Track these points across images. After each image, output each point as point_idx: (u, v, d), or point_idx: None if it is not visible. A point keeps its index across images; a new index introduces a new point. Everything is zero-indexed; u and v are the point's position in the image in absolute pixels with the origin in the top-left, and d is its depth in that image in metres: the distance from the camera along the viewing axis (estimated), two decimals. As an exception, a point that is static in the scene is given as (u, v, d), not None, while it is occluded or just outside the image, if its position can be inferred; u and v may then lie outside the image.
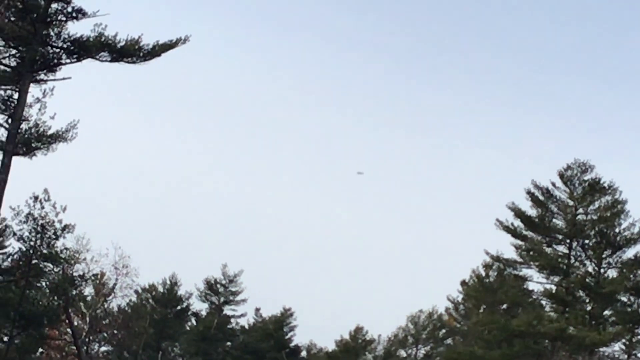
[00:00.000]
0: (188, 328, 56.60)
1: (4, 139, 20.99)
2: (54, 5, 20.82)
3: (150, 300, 54.61)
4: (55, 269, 27.95)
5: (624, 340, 30.96)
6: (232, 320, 57.86)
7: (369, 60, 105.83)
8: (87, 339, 41.08)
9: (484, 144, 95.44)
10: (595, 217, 30.95)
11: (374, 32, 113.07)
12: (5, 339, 29.23)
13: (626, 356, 31.68)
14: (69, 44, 21.33)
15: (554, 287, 31.45)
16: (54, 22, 21.30)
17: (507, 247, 32.14)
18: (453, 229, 79.01)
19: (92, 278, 32.61)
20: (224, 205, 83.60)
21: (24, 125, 21.37)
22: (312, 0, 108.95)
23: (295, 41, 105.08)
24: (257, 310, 57.30)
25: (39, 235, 26.83)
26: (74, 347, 35.95)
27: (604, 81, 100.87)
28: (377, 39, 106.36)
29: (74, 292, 30.15)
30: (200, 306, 57.39)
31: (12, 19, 21.46)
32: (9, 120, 21.16)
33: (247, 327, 57.58)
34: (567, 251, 31.22)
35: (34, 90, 21.55)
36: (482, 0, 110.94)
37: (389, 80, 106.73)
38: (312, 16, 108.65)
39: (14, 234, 27.32)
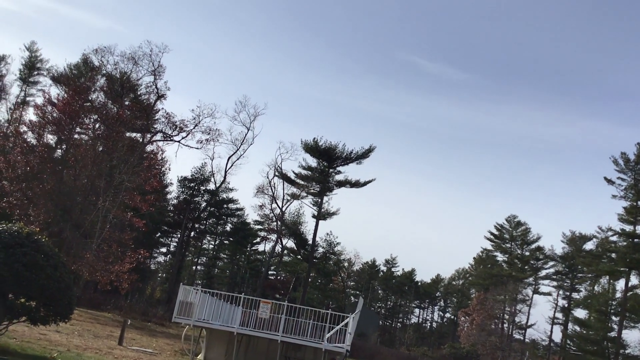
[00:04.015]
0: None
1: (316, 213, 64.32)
2: (337, 177, 64.69)
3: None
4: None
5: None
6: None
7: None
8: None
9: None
10: None
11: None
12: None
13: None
14: (337, 183, 64.85)
15: None
16: (334, 177, 65.14)
17: None
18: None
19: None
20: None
21: (323, 209, 64.67)
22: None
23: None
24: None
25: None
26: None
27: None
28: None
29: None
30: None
31: (317, 175, 65.48)
32: (317, 208, 64.45)
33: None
34: None
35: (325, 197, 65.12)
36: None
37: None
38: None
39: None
